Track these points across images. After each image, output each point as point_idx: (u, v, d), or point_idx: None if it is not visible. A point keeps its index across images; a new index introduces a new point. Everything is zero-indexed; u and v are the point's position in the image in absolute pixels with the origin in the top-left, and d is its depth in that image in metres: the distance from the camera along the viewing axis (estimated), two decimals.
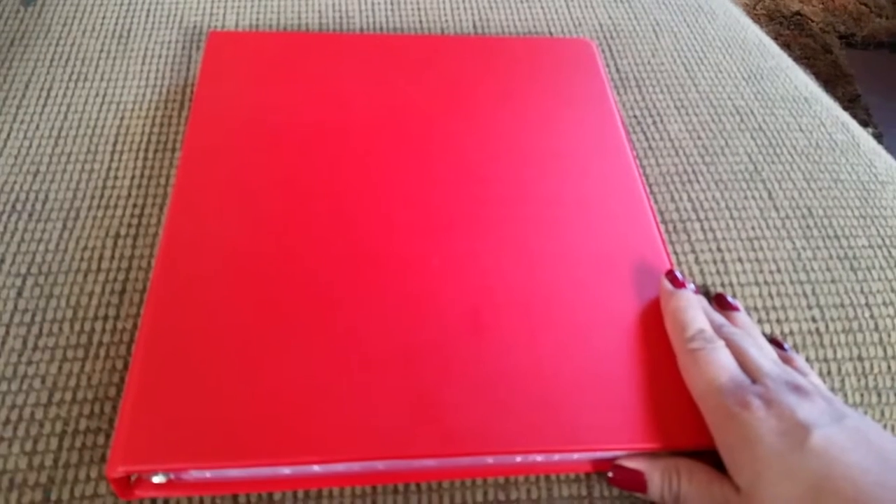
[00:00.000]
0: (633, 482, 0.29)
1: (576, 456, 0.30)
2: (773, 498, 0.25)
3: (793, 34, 1.40)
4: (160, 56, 0.45)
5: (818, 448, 0.25)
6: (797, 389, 0.28)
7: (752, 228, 0.39)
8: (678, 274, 0.33)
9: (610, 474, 0.29)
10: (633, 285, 0.34)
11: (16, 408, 0.30)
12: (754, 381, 0.29)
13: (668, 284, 0.33)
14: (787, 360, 0.32)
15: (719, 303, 0.35)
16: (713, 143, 0.43)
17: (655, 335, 0.32)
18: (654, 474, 0.29)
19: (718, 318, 0.33)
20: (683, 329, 0.31)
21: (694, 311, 0.31)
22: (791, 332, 0.35)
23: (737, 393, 0.28)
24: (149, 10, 0.48)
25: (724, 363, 0.29)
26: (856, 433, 0.26)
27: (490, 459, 0.29)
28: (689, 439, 0.29)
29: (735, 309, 0.34)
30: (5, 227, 0.36)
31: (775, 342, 0.33)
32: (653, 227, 0.36)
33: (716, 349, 0.30)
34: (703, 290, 0.36)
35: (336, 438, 0.28)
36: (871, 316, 0.36)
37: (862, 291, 0.37)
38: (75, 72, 0.44)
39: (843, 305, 0.36)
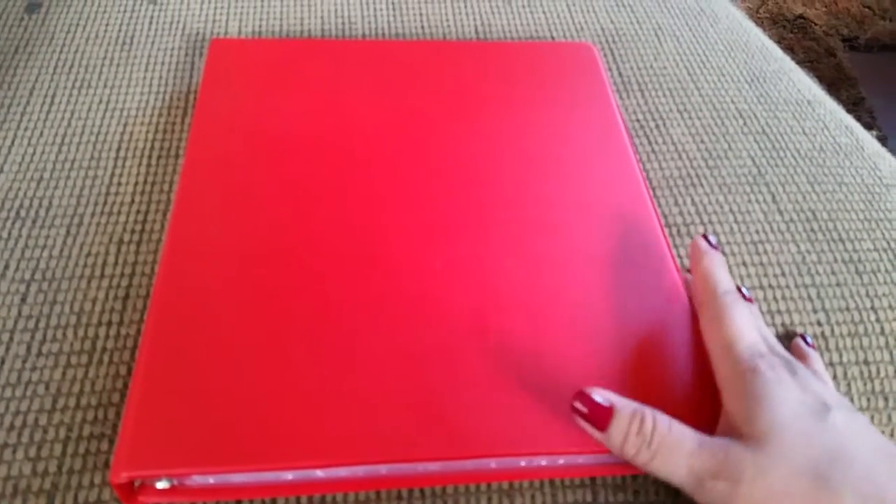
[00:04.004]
0: (596, 416, 0.27)
1: (581, 459, 0.29)
2: (789, 455, 0.25)
3: (796, 37, 1.40)
4: (163, 63, 0.45)
5: (838, 426, 0.26)
6: (816, 374, 0.30)
7: (757, 232, 0.39)
8: (712, 238, 0.33)
9: (576, 404, 0.27)
10: (638, 289, 0.34)
11: (20, 414, 0.30)
12: None
13: (702, 243, 0.33)
14: (803, 356, 0.32)
15: None
16: (716, 147, 0.43)
17: (661, 338, 0.32)
18: (624, 411, 0.26)
19: None
20: (716, 284, 0.31)
21: (726, 272, 0.32)
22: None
23: (765, 355, 0.28)
24: (152, 18, 0.48)
25: (754, 323, 0.30)
26: (868, 429, 0.27)
27: (494, 463, 0.29)
28: None
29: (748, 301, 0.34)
30: (9, 234, 0.36)
31: (802, 336, 0.34)
32: (657, 231, 0.36)
33: (747, 309, 0.30)
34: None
35: (339, 443, 0.28)
36: (877, 319, 0.36)
37: (867, 295, 0.37)
38: (79, 79, 0.44)
39: (848, 309, 0.36)
